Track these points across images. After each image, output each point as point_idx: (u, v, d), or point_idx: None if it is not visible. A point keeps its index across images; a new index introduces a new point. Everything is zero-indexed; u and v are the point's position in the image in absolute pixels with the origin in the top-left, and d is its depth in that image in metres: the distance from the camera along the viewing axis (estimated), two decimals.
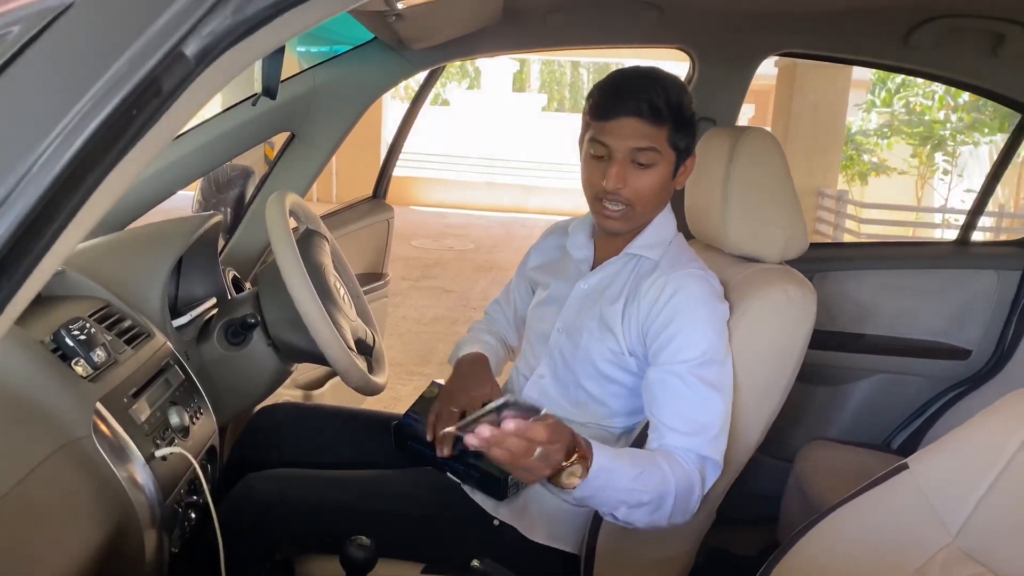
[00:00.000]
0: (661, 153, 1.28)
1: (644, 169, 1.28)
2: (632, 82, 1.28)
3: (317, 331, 1.34)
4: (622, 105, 1.26)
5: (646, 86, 1.26)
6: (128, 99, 0.45)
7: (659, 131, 1.26)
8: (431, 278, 6.80)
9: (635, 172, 1.28)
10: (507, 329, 1.68)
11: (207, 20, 0.46)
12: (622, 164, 1.28)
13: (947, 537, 0.99)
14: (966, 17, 1.81)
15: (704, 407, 1.22)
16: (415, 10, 1.33)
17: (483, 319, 1.72)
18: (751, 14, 1.92)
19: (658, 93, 1.25)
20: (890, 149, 12.38)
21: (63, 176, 0.44)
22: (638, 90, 1.26)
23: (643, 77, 1.28)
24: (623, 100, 1.26)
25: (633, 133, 1.26)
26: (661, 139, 1.27)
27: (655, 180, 1.30)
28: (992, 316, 2.18)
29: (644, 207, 1.33)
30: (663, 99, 1.25)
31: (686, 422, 1.22)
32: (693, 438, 1.21)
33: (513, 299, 1.66)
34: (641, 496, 1.14)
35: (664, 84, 1.27)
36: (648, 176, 1.29)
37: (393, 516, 1.37)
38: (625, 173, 1.28)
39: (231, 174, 1.94)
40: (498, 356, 1.60)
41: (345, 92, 1.92)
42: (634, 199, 1.30)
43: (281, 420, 1.62)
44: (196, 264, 1.59)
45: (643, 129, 1.26)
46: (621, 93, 1.27)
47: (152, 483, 1.06)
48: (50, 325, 1.08)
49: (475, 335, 1.62)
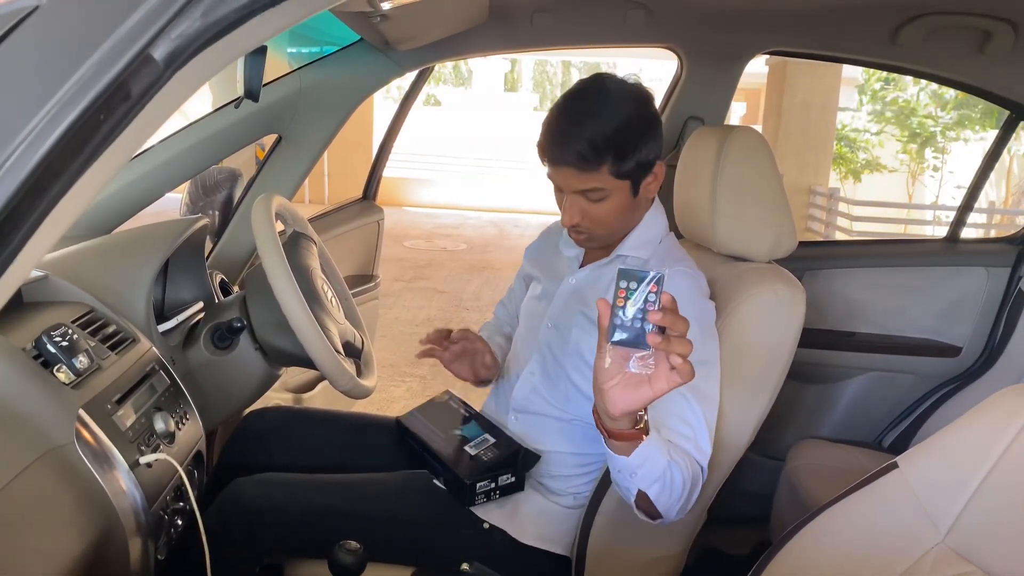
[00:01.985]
0: (605, 188, 1.26)
1: (597, 202, 1.28)
2: (562, 128, 1.24)
3: (304, 335, 1.33)
4: (555, 155, 1.25)
5: (574, 132, 1.22)
6: (95, 103, 0.44)
7: (597, 172, 1.24)
8: (424, 279, 6.79)
9: (589, 205, 1.28)
10: (515, 329, 1.68)
11: (176, 23, 0.45)
12: (572, 200, 1.28)
13: (937, 536, 0.99)
14: (953, 14, 1.81)
15: (689, 411, 1.21)
16: (400, 11, 1.32)
17: (491, 321, 1.73)
18: (739, 13, 1.92)
19: (586, 137, 1.21)
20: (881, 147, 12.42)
21: (28, 183, 0.43)
22: (566, 139, 1.23)
23: (572, 120, 1.24)
24: (555, 150, 1.25)
25: (572, 179, 1.26)
26: (603, 177, 1.25)
27: (611, 208, 1.29)
28: (982, 313, 2.19)
29: (609, 230, 1.33)
30: (593, 143, 1.21)
31: (677, 423, 1.21)
32: (686, 443, 1.20)
33: (514, 299, 1.67)
34: (659, 487, 1.10)
35: (595, 122, 1.22)
36: (603, 207, 1.28)
37: (383, 520, 1.36)
38: (578, 208, 1.28)
39: (218, 177, 1.92)
40: (504, 352, 1.60)
41: (332, 94, 1.91)
42: (594, 227, 1.31)
43: (270, 424, 1.61)
44: (183, 268, 1.57)
45: (580, 176, 1.25)
46: (553, 142, 1.25)
47: (137, 490, 1.05)
48: (32, 332, 1.07)
49: (489, 335, 1.64)
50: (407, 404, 3.54)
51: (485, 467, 1.34)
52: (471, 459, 1.36)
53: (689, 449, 1.19)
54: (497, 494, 1.36)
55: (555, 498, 1.41)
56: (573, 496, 1.40)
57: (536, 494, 1.41)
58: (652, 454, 1.06)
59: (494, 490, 1.35)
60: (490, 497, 1.35)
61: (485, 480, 1.33)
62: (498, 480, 1.34)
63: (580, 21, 1.98)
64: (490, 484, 1.34)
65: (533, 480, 1.41)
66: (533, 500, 1.40)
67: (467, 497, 1.34)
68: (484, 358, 1.45)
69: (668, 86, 2.21)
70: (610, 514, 1.35)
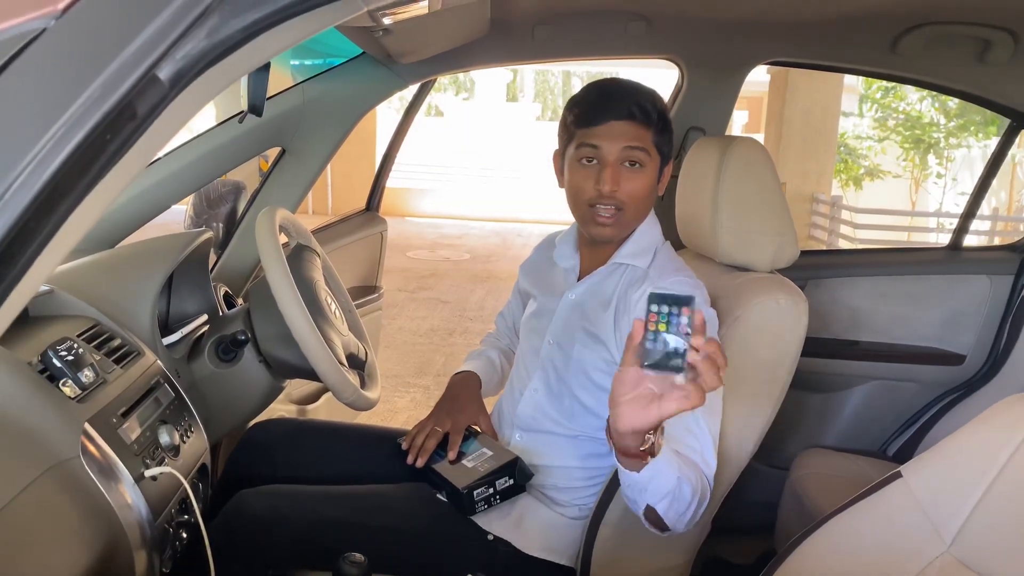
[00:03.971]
0: (649, 154, 1.33)
1: (635, 171, 1.33)
2: (617, 89, 1.35)
3: (308, 347, 1.33)
4: (612, 109, 1.32)
5: (631, 92, 1.34)
6: (102, 124, 0.44)
7: (647, 132, 1.33)
8: (427, 289, 6.80)
9: (627, 174, 1.33)
10: (512, 340, 1.71)
11: (181, 43, 0.46)
12: (615, 166, 1.32)
13: (942, 546, 0.99)
14: (953, 24, 1.82)
15: (695, 423, 1.21)
16: (402, 25, 1.33)
17: (492, 332, 1.76)
18: (739, 24, 1.92)
19: (644, 98, 1.33)
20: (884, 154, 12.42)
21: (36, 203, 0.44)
22: (624, 95, 1.33)
23: (626, 85, 1.36)
24: (612, 104, 1.33)
25: (624, 134, 1.32)
26: (648, 140, 1.33)
27: (645, 182, 1.34)
28: (985, 321, 2.19)
29: (635, 211, 1.36)
30: (644, 105, 1.32)
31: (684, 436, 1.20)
32: (694, 455, 1.20)
33: (515, 308, 1.69)
34: (669, 500, 1.11)
35: (646, 91, 1.35)
36: (639, 178, 1.33)
37: (387, 532, 1.36)
38: (618, 175, 1.32)
39: (222, 189, 1.94)
40: (498, 372, 1.64)
41: (334, 107, 1.92)
42: (627, 201, 1.34)
43: (274, 436, 1.61)
44: (187, 281, 1.58)
45: (632, 130, 1.32)
46: (609, 99, 1.34)
47: (142, 503, 1.05)
48: (37, 346, 1.08)
49: (483, 349, 1.67)
50: (411, 415, 3.54)
51: (480, 474, 1.34)
52: (468, 470, 1.36)
53: (696, 461, 1.19)
54: (497, 499, 1.34)
55: (559, 509, 1.41)
56: (578, 507, 1.40)
57: (540, 505, 1.41)
58: (662, 472, 1.06)
59: (493, 495, 1.34)
60: (491, 503, 1.34)
61: (482, 487, 1.33)
62: (496, 485, 1.33)
63: (581, 33, 1.99)
64: (488, 490, 1.33)
65: (537, 491, 1.41)
66: (537, 511, 1.40)
67: (467, 506, 1.33)
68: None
69: (669, 97, 2.22)
70: (615, 525, 1.35)
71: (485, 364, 1.63)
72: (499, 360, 1.66)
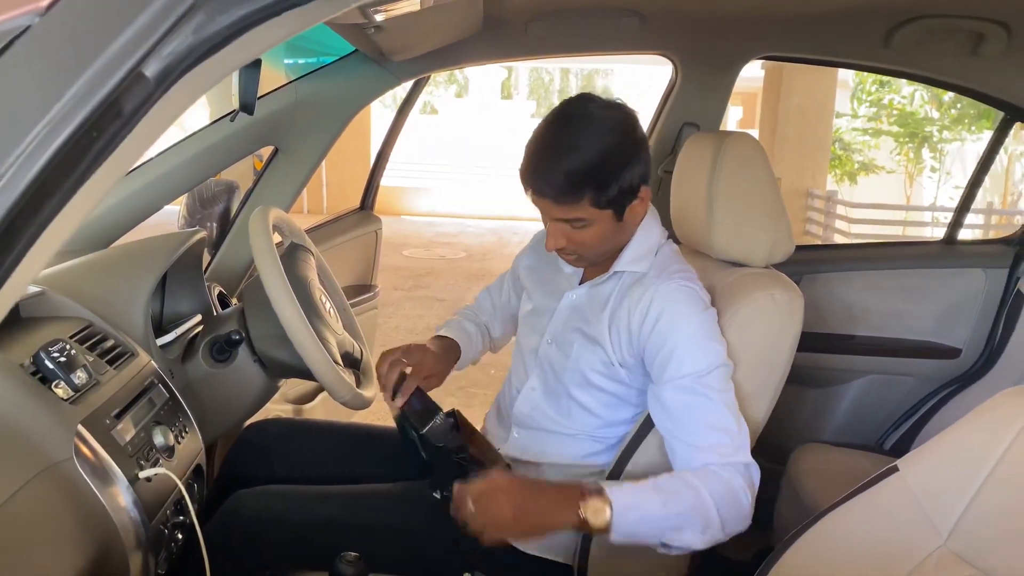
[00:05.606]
0: (588, 218, 1.22)
1: (580, 229, 1.24)
2: (542, 158, 1.20)
3: (303, 346, 1.33)
4: (535, 185, 1.21)
5: (553, 165, 1.18)
6: (87, 122, 0.44)
7: (578, 204, 1.20)
8: (423, 288, 6.79)
9: (572, 231, 1.24)
10: (492, 319, 1.67)
11: (167, 40, 0.45)
12: (555, 227, 1.25)
13: (939, 539, 0.99)
14: (946, 17, 1.82)
15: (721, 414, 1.21)
16: (395, 22, 1.32)
17: (471, 305, 1.70)
18: (732, 19, 1.92)
19: (565, 171, 1.17)
20: (877, 149, 12.44)
21: (21, 202, 0.43)
22: (546, 170, 1.19)
23: (552, 150, 1.20)
24: (534, 180, 1.21)
25: (551, 209, 1.22)
26: (583, 208, 1.21)
27: (594, 234, 1.25)
28: (980, 314, 2.19)
29: (596, 252, 1.30)
30: (572, 177, 1.17)
31: (709, 434, 1.20)
32: (721, 448, 1.20)
33: (506, 291, 1.65)
34: (680, 521, 1.14)
35: (576, 155, 1.17)
36: (586, 233, 1.24)
37: (383, 531, 1.36)
38: (561, 233, 1.25)
39: (215, 189, 1.93)
40: (474, 348, 1.59)
41: (327, 105, 1.91)
42: (581, 250, 1.28)
43: (270, 436, 1.61)
44: (181, 281, 1.58)
45: (559, 208, 1.21)
46: (533, 172, 1.21)
47: (136, 505, 1.05)
48: (30, 348, 1.07)
49: (460, 321, 1.60)
50: None
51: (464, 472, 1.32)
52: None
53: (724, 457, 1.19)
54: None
55: None
56: None
57: None
58: (636, 528, 1.13)
59: None
60: None
61: None
62: None
63: (574, 30, 1.98)
64: None
65: None
66: None
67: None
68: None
69: (663, 92, 2.22)
70: None
71: (466, 337, 1.56)
72: (476, 334, 1.60)
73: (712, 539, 1.17)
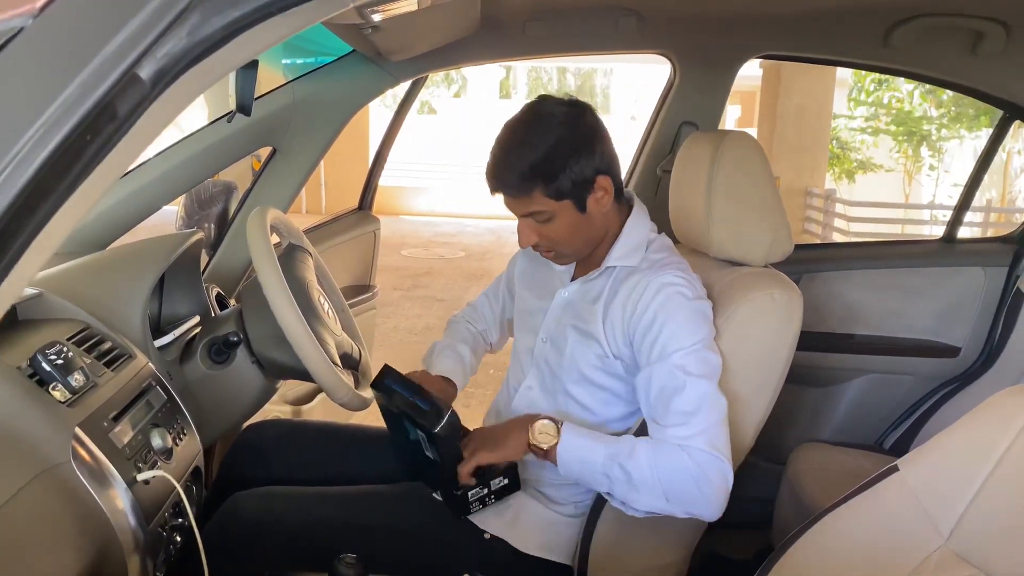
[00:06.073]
0: (547, 210, 1.27)
1: (545, 223, 1.29)
2: (495, 159, 1.28)
3: (301, 347, 1.32)
4: (491, 184, 1.29)
5: (503, 163, 1.26)
6: (82, 124, 0.44)
7: (531, 197, 1.26)
8: (422, 287, 6.79)
9: (539, 226, 1.29)
10: (491, 324, 1.67)
11: (162, 42, 0.45)
12: (523, 223, 1.30)
13: (939, 539, 0.99)
14: (945, 16, 1.82)
15: (690, 399, 1.21)
16: (392, 22, 1.32)
17: (467, 311, 1.70)
18: (730, 18, 1.92)
19: (513, 167, 1.25)
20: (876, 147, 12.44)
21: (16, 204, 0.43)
22: (498, 169, 1.27)
23: (503, 150, 1.27)
24: (490, 180, 1.29)
25: (511, 205, 1.29)
26: (539, 201, 1.26)
27: (561, 227, 1.29)
28: (980, 313, 2.19)
29: (572, 247, 1.34)
30: (519, 172, 1.24)
31: (677, 415, 1.21)
32: (688, 429, 1.20)
33: (501, 296, 1.66)
34: (622, 474, 1.20)
35: (522, 150, 1.24)
36: (553, 227, 1.29)
37: (383, 532, 1.36)
38: (531, 229, 1.30)
39: (213, 190, 1.93)
40: (470, 370, 1.59)
41: (325, 105, 1.91)
42: (554, 245, 1.32)
43: (269, 437, 1.61)
44: (178, 282, 1.57)
45: (516, 203, 1.28)
46: (489, 171, 1.29)
47: (135, 508, 1.04)
48: (27, 350, 1.06)
49: (454, 344, 1.59)
50: None
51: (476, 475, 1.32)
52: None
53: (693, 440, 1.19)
54: (492, 499, 1.32)
55: (556, 507, 1.40)
56: (574, 505, 1.40)
57: (537, 503, 1.40)
58: (581, 458, 1.23)
59: (488, 495, 1.31)
60: (485, 503, 1.32)
61: (476, 487, 1.31)
62: (491, 485, 1.31)
63: (572, 29, 1.98)
64: (483, 491, 1.32)
65: (533, 489, 1.41)
66: (534, 509, 1.39)
67: (460, 506, 1.32)
68: None
69: (662, 92, 2.21)
70: (611, 522, 1.34)
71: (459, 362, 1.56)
72: (468, 353, 1.59)
73: (662, 509, 1.21)
